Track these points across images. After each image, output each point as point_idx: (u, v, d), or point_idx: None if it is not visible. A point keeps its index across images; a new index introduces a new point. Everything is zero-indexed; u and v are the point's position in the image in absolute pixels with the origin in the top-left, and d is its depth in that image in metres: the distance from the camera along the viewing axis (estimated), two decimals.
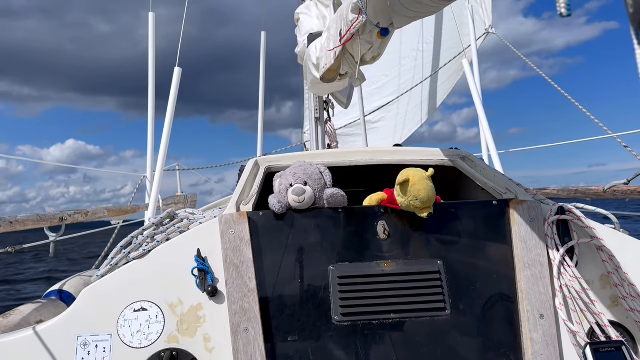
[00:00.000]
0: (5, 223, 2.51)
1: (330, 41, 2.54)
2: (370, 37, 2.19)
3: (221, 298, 1.79)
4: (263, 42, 7.79)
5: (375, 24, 2.08)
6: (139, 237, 2.03)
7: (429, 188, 1.85)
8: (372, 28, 2.13)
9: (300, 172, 1.99)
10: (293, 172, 2.00)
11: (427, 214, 1.87)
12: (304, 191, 1.91)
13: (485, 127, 5.49)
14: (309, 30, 3.84)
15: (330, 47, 2.54)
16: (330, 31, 2.58)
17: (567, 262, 1.85)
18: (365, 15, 2.09)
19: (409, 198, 1.86)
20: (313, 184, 1.96)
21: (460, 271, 1.86)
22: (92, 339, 1.74)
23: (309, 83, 3.60)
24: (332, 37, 2.52)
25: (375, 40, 2.21)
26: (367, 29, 2.16)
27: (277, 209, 1.90)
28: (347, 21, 2.21)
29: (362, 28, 2.15)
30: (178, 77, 4.66)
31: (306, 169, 2.00)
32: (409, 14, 1.87)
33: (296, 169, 2.01)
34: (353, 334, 1.75)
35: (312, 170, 2.01)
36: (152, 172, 4.96)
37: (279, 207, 1.90)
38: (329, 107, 4.99)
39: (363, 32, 2.17)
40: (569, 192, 3.63)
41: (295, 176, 1.97)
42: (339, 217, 1.93)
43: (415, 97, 8.14)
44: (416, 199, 1.85)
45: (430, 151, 2.54)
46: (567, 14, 0.79)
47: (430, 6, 1.75)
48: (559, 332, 1.78)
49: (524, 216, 1.91)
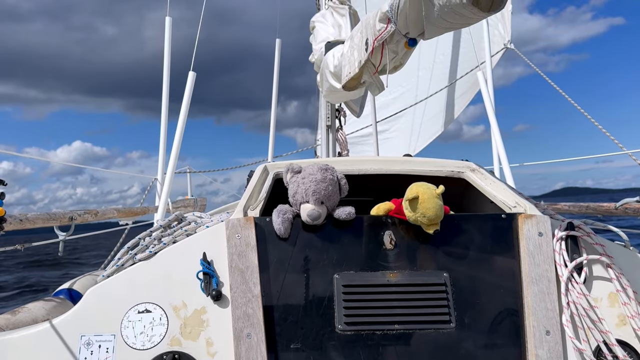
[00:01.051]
0: (15, 221, 2.53)
1: (355, 50, 2.54)
2: (396, 46, 2.19)
3: (225, 302, 1.79)
4: (277, 49, 7.82)
5: (404, 33, 2.07)
6: (146, 239, 2.04)
7: (438, 207, 1.84)
8: (399, 38, 2.12)
9: (321, 190, 1.90)
10: (313, 188, 1.90)
11: (433, 230, 1.86)
12: (319, 216, 1.88)
13: (498, 141, 5.46)
14: (325, 38, 3.86)
15: (354, 56, 2.54)
16: (354, 39, 2.58)
17: (575, 278, 1.83)
18: (394, 24, 2.08)
19: (417, 214, 1.85)
20: (330, 204, 1.93)
21: (467, 284, 1.84)
22: (96, 338, 1.75)
23: (324, 90, 3.61)
24: (356, 46, 2.52)
25: (401, 50, 2.21)
26: (394, 38, 2.15)
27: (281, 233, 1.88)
28: (375, 30, 2.20)
29: (389, 38, 2.15)
30: (192, 81, 4.70)
31: (327, 188, 1.91)
32: (443, 24, 1.85)
33: (318, 185, 1.91)
34: (356, 344, 1.74)
35: (333, 188, 1.93)
36: (162, 174, 4.99)
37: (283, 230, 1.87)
38: (340, 115, 5.00)
39: (390, 41, 2.16)
40: (580, 208, 3.59)
41: (314, 194, 1.89)
42: (345, 226, 1.92)
43: (430, 109, 8.12)
44: (424, 217, 1.85)
45: (441, 162, 2.53)
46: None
47: (469, 17, 1.73)
48: (565, 349, 1.75)
49: (532, 231, 1.89)
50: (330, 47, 3.33)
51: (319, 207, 1.89)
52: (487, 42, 6.27)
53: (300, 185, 1.94)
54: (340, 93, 3.10)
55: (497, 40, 6.59)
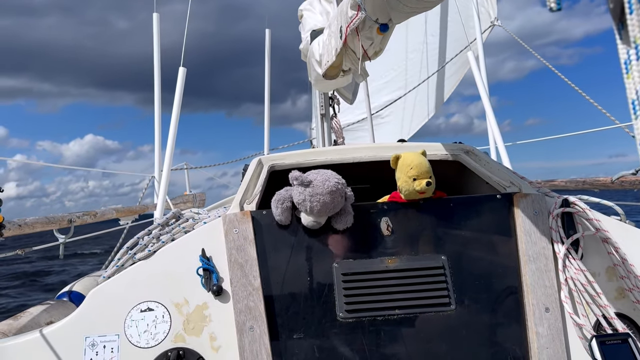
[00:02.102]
0: (14, 226, 2.54)
1: (332, 38, 2.53)
2: (370, 33, 2.18)
3: (226, 297, 1.80)
4: (267, 39, 7.79)
5: (374, 19, 2.07)
6: (145, 238, 2.05)
7: (421, 158, 1.93)
8: (371, 24, 2.11)
9: (328, 209, 1.84)
10: (319, 208, 1.83)
11: (426, 181, 1.88)
12: (319, 226, 1.88)
13: (492, 120, 5.45)
14: (313, 26, 3.83)
15: (331, 44, 2.53)
16: (331, 27, 2.58)
17: (572, 254, 1.85)
18: (364, 11, 2.07)
19: (404, 171, 1.91)
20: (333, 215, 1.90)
21: (465, 266, 1.85)
22: (100, 339, 1.76)
23: (313, 80, 3.60)
24: (333, 34, 2.51)
25: (375, 36, 2.20)
26: (366, 25, 2.14)
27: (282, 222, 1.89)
28: (347, 17, 2.20)
29: (361, 24, 2.14)
30: (183, 77, 4.68)
31: (335, 208, 1.86)
32: (405, 9, 1.86)
33: (325, 206, 1.83)
34: (358, 331, 1.76)
35: (338, 203, 1.86)
36: (159, 172, 4.99)
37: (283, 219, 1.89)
38: (334, 103, 4.98)
39: (363, 28, 2.16)
40: (577, 184, 3.60)
41: (319, 213, 1.84)
42: None
43: (422, 91, 8.10)
44: (410, 168, 1.90)
45: (434, 146, 2.53)
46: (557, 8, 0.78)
47: (427, 1, 1.74)
48: (564, 325, 1.77)
49: (528, 209, 1.90)
50: (315, 36, 3.31)
51: (322, 220, 1.88)
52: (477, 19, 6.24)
53: (307, 200, 1.84)
54: (328, 81, 3.09)
55: (484, 19, 6.57)
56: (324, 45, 2.74)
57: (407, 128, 8.55)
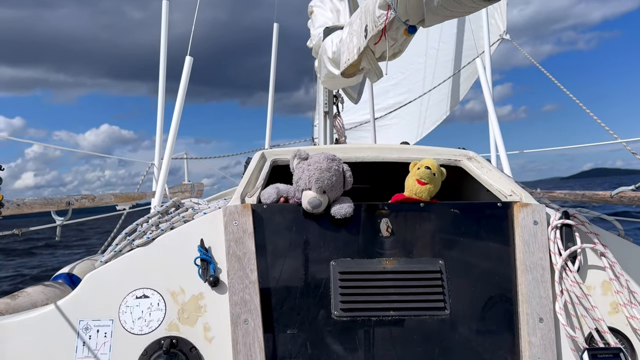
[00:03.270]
0: (12, 206, 2.54)
1: (353, 36, 2.52)
2: (395, 33, 2.16)
3: (222, 288, 1.80)
4: (275, 33, 7.77)
5: (404, 21, 2.05)
6: (144, 225, 2.05)
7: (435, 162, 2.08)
8: (399, 25, 2.10)
9: (325, 179, 1.89)
10: (317, 175, 1.89)
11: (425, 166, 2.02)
12: (320, 204, 1.88)
13: (496, 128, 5.46)
14: (323, 23, 3.83)
15: (353, 42, 2.51)
16: (353, 26, 2.56)
17: (569, 267, 1.85)
18: (394, 11, 2.05)
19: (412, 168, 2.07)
20: (332, 193, 1.92)
21: (462, 272, 1.86)
22: (94, 323, 1.77)
23: (322, 77, 3.59)
24: (355, 32, 2.50)
25: (400, 37, 2.18)
26: (394, 25, 2.13)
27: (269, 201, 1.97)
28: (374, 17, 2.18)
29: (389, 25, 2.13)
30: (189, 66, 4.67)
31: (331, 178, 1.90)
32: (444, 12, 1.84)
33: (322, 173, 1.89)
34: (352, 329, 1.76)
35: (337, 179, 1.91)
36: (159, 159, 4.98)
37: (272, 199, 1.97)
38: (338, 101, 4.98)
39: (390, 28, 2.14)
40: (576, 197, 3.61)
41: (317, 182, 1.88)
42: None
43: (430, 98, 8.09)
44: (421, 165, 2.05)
45: (437, 150, 2.54)
46: None
47: (469, 6, 1.72)
48: (558, 336, 1.78)
49: (527, 219, 1.91)
50: (328, 33, 3.31)
51: (321, 196, 1.89)
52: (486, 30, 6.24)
53: (305, 171, 1.93)
54: (339, 79, 3.08)
55: (493, 30, 6.58)
56: (343, 44, 2.72)
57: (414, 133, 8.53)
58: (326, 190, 1.90)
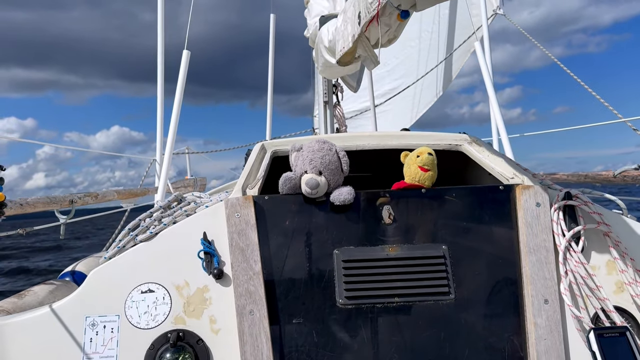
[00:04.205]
0: (15, 205, 2.54)
1: (348, 24, 2.50)
2: (389, 19, 2.15)
3: (227, 281, 1.81)
4: (272, 24, 7.74)
5: (396, 5, 2.04)
6: (147, 220, 2.05)
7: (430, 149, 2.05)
8: (392, 10, 2.08)
9: (317, 158, 1.92)
10: (310, 157, 1.94)
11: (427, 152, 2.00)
12: (317, 184, 1.88)
13: (496, 111, 5.43)
14: (319, 12, 3.80)
15: (347, 30, 2.50)
16: (347, 13, 2.54)
17: (572, 247, 1.85)
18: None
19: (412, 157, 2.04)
20: (329, 174, 1.92)
21: (465, 256, 1.86)
22: (100, 319, 1.78)
23: (320, 66, 3.57)
24: (349, 20, 2.48)
25: (394, 22, 2.17)
26: (387, 11, 2.11)
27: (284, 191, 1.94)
28: (367, 3, 2.17)
29: (381, 10, 2.11)
30: (187, 60, 4.65)
31: (324, 157, 1.93)
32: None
33: (314, 154, 1.94)
34: (357, 317, 1.77)
35: (330, 158, 1.94)
36: (161, 155, 4.98)
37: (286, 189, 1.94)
38: (337, 90, 4.96)
39: (382, 14, 2.13)
40: (579, 177, 3.60)
41: (311, 163, 1.92)
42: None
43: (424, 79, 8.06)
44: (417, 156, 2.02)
45: (438, 135, 2.53)
46: None
47: None
48: (563, 317, 1.78)
49: (530, 201, 1.90)
50: (324, 22, 3.28)
51: (317, 176, 1.90)
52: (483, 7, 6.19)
53: (299, 158, 1.98)
54: (336, 68, 3.07)
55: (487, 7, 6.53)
56: (338, 32, 2.71)
57: (409, 116, 8.52)
58: (322, 170, 1.91)
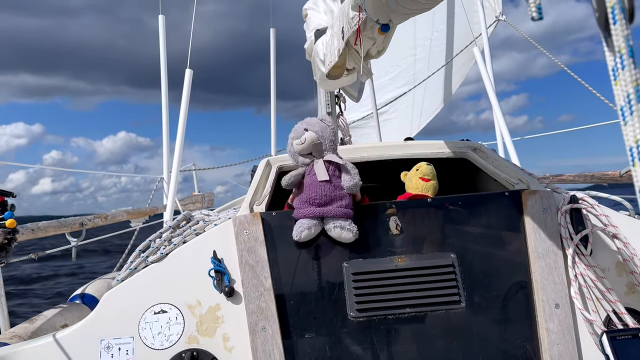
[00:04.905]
0: (27, 231, 2.57)
1: (334, 38, 2.55)
2: (372, 33, 2.19)
3: (238, 298, 1.82)
4: (272, 39, 7.80)
5: (375, 20, 2.08)
6: (157, 241, 2.07)
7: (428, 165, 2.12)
8: (372, 24, 2.12)
9: (302, 123, 1.97)
10: (296, 126, 1.98)
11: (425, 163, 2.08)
12: (302, 133, 1.92)
13: (499, 115, 5.44)
14: (317, 25, 3.84)
15: (334, 44, 2.55)
16: (333, 28, 2.59)
17: (581, 250, 1.85)
18: (365, 12, 2.09)
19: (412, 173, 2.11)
20: (316, 128, 1.94)
21: (474, 264, 1.86)
22: (115, 342, 1.79)
23: (318, 79, 3.61)
24: (335, 34, 2.53)
25: (377, 36, 2.21)
26: (368, 25, 2.16)
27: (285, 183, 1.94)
28: (348, 18, 2.22)
29: (363, 25, 2.15)
30: (189, 79, 4.70)
31: (309, 121, 1.98)
32: (404, 11, 1.86)
33: (300, 124, 1.98)
34: (369, 330, 1.77)
35: (314, 121, 1.98)
36: (168, 173, 5.01)
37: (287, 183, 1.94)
38: (340, 101, 4.99)
39: (364, 28, 2.17)
40: (585, 178, 3.60)
41: (302, 123, 1.97)
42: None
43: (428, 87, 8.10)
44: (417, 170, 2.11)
45: (441, 144, 2.54)
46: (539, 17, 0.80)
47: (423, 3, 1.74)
48: (575, 321, 1.78)
49: (536, 206, 1.91)
50: (319, 35, 3.33)
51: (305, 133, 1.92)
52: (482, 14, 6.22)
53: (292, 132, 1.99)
54: (333, 80, 3.10)
55: (488, 14, 6.56)
56: (327, 46, 2.76)
57: (414, 124, 8.54)
58: (307, 127, 1.93)
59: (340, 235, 1.86)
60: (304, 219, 1.86)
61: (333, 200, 1.88)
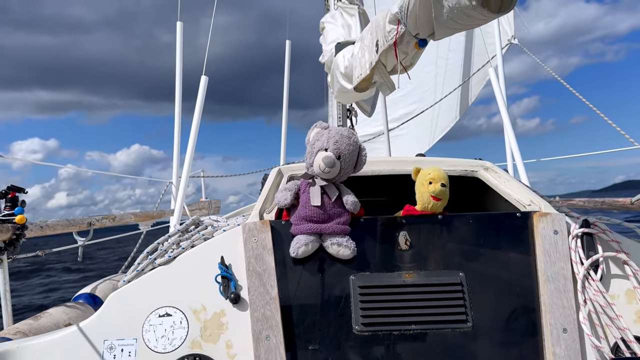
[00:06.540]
0: (36, 227, 2.59)
1: (365, 51, 2.55)
2: (406, 47, 2.19)
3: (244, 305, 1.81)
4: (287, 51, 7.84)
5: (414, 34, 2.07)
6: (165, 244, 2.07)
7: (440, 169, 2.02)
8: (410, 39, 2.12)
9: (344, 142, 1.90)
10: (337, 138, 1.90)
11: (440, 183, 1.94)
12: (333, 164, 1.87)
13: (511, 136, 5.43)
14: (335, 39, 3.87)
15: (365, 57, 2.55)
16: (364, 41, 2.59)
17: (591, 275, 1.83)
18: (404, 26, 2.08)
19: (423, 176, 2.00)
20: (345, 164, 1.91)
21: (482, 283, 1.85)
22: (118, 343, 1.79)
23: (335, 91, 3.62)
24: (366, 47, 2.53)
25: (411, 50, 2.21)
26: (404, 39, 2.15)
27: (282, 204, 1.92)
28: (385, 32, 2.21)
29: (399, 39, 2.15)
30: (205, 85, 4.72)
31: (350, 146, 1.91)
32: (454, 25, 1.85)
33: (342, 138, 1.90)
34: (373, 344, 1.76)
35: (353, 149, 1.92)
36: (177, 178, 5.02)
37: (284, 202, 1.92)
38: (352, 115, 5.01)
39: (400, 42, 2.17)
40: (595, 204, 3.57)
41: (335, 144, 1.89)
42: (360, 227, 1.94)
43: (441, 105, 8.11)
44: (429, 174, 1.99)
45: (453, 161, 2.54)
46: None
47: (478, 18, 1.73)
48: (582, 346, 1.75)
49: (547, 229, 1.89)
50: (340, 48, 3.35)
51: (336, 160, 1.88)
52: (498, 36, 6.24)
53: (324, 134, 1.93)
54: (352, 94, 3.11)
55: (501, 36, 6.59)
56: (355, 59, 2.76)
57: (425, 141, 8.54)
58: (341, 155, 1.89)
59: (338, 252, 1.86)
60: (301, 235, 1.86)
61: (331, 217, 1.89)
